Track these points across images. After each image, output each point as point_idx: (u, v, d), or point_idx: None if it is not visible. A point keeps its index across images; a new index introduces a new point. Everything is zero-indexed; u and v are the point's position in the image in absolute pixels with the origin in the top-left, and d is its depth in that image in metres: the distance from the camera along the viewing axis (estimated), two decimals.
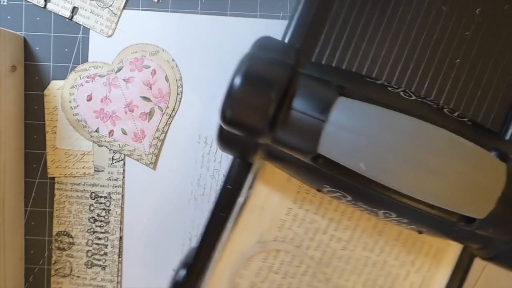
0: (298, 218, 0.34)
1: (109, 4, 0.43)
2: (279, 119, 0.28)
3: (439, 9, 0.33)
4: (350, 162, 0.26)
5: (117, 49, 0.43)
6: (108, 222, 0.43)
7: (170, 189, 0.43)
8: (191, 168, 0.43)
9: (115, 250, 0.43)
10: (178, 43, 0.43)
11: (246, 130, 0.28)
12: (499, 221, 0.28)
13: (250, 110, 0.28)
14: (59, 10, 0.42)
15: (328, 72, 0.31)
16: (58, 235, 0.43)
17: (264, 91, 0.27)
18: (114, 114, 0.43)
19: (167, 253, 0.43)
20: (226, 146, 0.32)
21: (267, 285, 0.34)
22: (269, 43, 0.31)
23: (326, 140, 0.27)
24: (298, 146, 0.28)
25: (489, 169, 0.27)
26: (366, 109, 0.27)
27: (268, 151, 0.31)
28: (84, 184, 0.43)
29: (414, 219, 0.30)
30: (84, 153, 0.43)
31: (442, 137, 0.27)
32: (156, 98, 0.43)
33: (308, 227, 0.34)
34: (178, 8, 0.43)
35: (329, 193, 0.31)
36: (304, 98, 0.28)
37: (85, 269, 0.43)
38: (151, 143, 0.43)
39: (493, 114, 0.33)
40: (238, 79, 0.27)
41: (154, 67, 0.43)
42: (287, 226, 0.34)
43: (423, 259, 0.34)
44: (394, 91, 0.30)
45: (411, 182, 0.26)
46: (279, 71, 0.28)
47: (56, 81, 0.43)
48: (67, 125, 0.43)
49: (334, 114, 0.27)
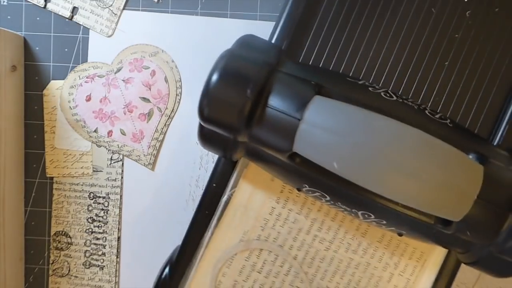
0: (282, 218, 0.34)
1: (109, 4, 0.43)
2: (256, 116, 0.28)
3: (429, 11, 0.33)
4: (323, 161, 0.26)
5: (117, 49, 0.43)
6: (106, 223, 0.43)
7: (168, 190, 0.43)
8: (190, 169, 0.43)
9: (113, 251, 0.43)
10: (178, 45, 0.43)
11: (222, 127, 0.29)
12: (476, 224, 0.27)
13: (226, 107, 0.28)
14: (59, 10, 0.43)
15: (309, 71, 0.31)
16: (56, 235, 0.43)
17: (240, 88, 0.27)
18: (113, 115, 0.43)
19: (165, 253, 0.43)
20: (206, 143, 0.32)
21: (249, 284, 0.34)
22: (251, 41, 0.31)
23: (301, 138, 0.27)
24: (274, 144, 0.28)
25: (465, 171, 0.27)
26: (341, 108, 0.27)
27: (247, 149, 0.31)
28: (83, 184, 0.43)
29: (393, 220, 0.30)
30: (82, 153, 0.43)
31: (417, 138, 0.26)
32: (155, 99, 0.43)
33: (291, 227, 0.34)
34: (178, 8, 0.43)
35: (309, 192, 0.31)
36: (280, 96, 0.28)
37: (83, 269, 0.43)
38: (150, 144, 0.43)
39: (482, 118, 0.32)
40: (215, 76, 0.28)
41: (153, 68, 0.43)
42: (270, 225, 0.34)
43: (407, 261, 0.34)
44: (374, 91, 0.30)
45: (384, 183, 0.26)
46: (256, 68, 0.28)
47: (55, 81, 0.43)
48: (66, 125, 0.43)
49: (309, 112, 0.27)
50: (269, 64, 0.29)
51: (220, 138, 0.30)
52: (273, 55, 0.30)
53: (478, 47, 0.32)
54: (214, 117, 0.28)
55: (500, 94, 0.32)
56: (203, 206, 0.35)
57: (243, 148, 0.31)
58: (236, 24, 0.43)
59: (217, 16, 0.43)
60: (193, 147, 0.43)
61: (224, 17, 0.43)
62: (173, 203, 0.43)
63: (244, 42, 0.31)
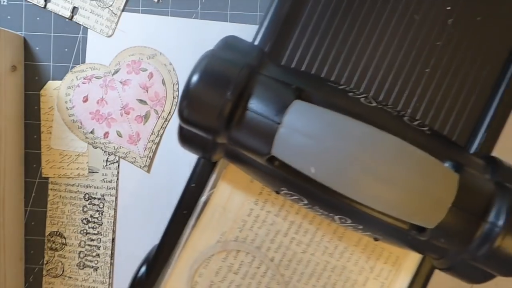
0: (260, 220, 0.34)
1: (109, 4, 0.42)
2: (235, 118, 0.28)
3: (412, 18, 0.32)
4: (301, 166, 0.27)
5: (115, 50, 0.43)
6: (101, 224, 0.43)
7: (163, 192, 0.43)
8: (185, 172, 0.42)
9: (107, 252, 0.43)
10: (176, 47, 0.42)
11: (201, 128, 0.28)
12: (450, 231, 0.27)
13: (205, 108, 0.28)
14: (59, 10, 0.42)
15: (290, 74, 0.31)
16: (51, 235, 0.43)
17: (220, 90, 0.27)
18: (110, 116, 0.42)
19: None
20: (185, 144, 0.31)
21: (226, 285, 0.34)
22: (233, 42, 0.31)
23: (279, 142, 0.27)
24: (253, 146, 0.28)
25: (440, 179, 0.27)
26: (320, 113, 0.27)
27: (227, 151, 0.31)
28: (78, 185, 0.43)
29: (369, 225, 0.30)
30: (78, 154, 0.43)
31: (393, 145, 0.26)
32: (152, 101, 0.42)
33: (269, 229, 0.34)
34: (178, 8, 0.42)
35: (287, 195, 0.31)
36: (260, 99, 0.28)
37: (77, 270, 0.43)
38: (146, 146, 0.42)
39: (460, 125, 0.32)
40: (195, 77, 0.27)
41: (151, 70, 0.42)
42: (248, 227, 0.34)
43: (382, 265, 0.34)
44: (354, 97, 0.30)
45: (359, 189, 0.26)
46: (237, 70, 0.28)
47: (53, 81, 0.43)
48: (62, 126, 0.43)
49: (288, 117, 0.27)
50: (250, 66, 0.29)
51: (199, 139, 0.30)
52: (255, 57, 0.30)
53: (459, 55, 0.32)
54: (193, 119, 0.28)
55: (479, 102, 0.32)
56: (181, 206, 0.35)
57: (222, 149, 0.31)
58: (235, 28, 0.42)
59: (217, 15, 0.42)
60: None
61: (224, 16, 0.42)
62: (168, 206, 0.42)
63: (226, 43, 0.30)
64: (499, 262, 0.28)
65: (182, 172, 0.42)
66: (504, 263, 0.27)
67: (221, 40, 0.31)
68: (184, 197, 0.35)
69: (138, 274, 0.36)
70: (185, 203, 0.35)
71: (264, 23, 0.33)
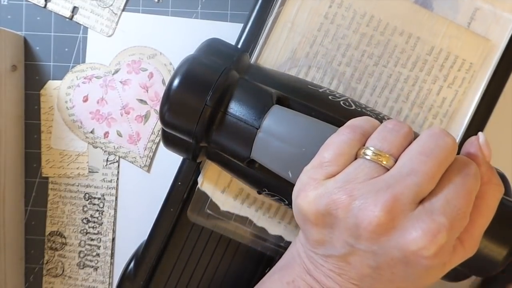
0: (330, 34, 0.33)
1: (109, 4, 0.42)
2: (215, 123, 0.28)
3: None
4: (279, 170, 0.27)
5: (115, 50, 0.43)
6: (101, 224, 0.43)
7: (163, 192, 0.42)
8: None
9: (107, 252, 0.43)
10: (176, 47, 0.42)
11: (182, 132, 0.29)
12: None
13: (185, 113, 0.28)
14: (59, 9, 0.42)
15: (271, 77, 0.31)
16: (51, 235, 0.43)
17: (200, 95, 0.28)
18: (110, 116, 0.42)
19: None
20: (169, 146, 0.32)
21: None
22: (215, 46, 0.31)
23: (258, 146, 0.27)
24: (233, 150, 0.29)
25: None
26: (297, 119, 0.27)
27: (209, 153, 0.31)
28: (78, 185, 0.43)
29: None
30: (79, 153, 0.43)
31: None
32: (152, 101, 0.42)
33: (340, 43, 0.33)
34: (178, 7, 0.42)
35: (268, 196, 0.31)
36: (240, 104, 0.28)
37: (77, 270, 0.43)
38: (146, 146, 0.42)
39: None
40: (176, 81, 0.28)
41: (151, 70, 0.42)
42: (318, 41, 0.34)
43: (455, 74, 0.33)
44: (334, 100, 0.30)
45: None
46: (217, 76, 0.28)
47: (53, 81, 0.43)
48: (62, 125, 0.43)
49: (267, 122, 0.27)
50: (230, 71, 0.29)
51: (182, 142, 0.30)
52: (236, 61, 0.30)
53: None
54: (174, 123, 0.29)
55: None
56: (168, 203, 0.36)
57: (204, 151, 0.31)
58: (234, 27, 0.42)
59: (217, 15, 0.42)
60: None
61: (224, 16, 0.42)
62: None
63: (208, 46, 0.31)
64: None
65: None
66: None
67: (203, 42, 0.31)
68: (170, 195, 0.36)
69: (127, 270, 0.36)
70: (171, 201, 0.36)
71: (247, 27, 0.33)
